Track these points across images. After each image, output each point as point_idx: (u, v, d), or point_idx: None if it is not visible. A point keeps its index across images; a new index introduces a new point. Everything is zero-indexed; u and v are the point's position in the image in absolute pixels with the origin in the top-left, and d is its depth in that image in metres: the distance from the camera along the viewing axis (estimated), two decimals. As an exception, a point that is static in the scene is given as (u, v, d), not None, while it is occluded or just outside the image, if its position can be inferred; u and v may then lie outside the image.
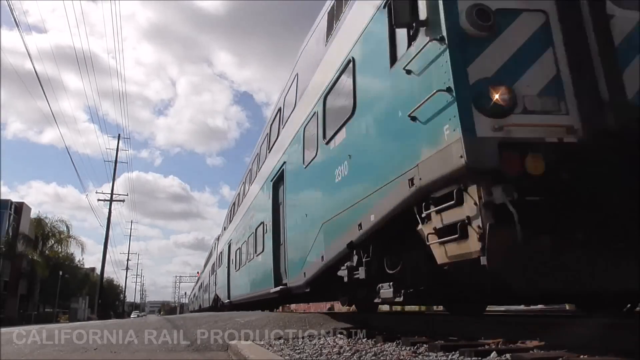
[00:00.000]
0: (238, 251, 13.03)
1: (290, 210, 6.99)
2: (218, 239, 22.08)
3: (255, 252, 9.78)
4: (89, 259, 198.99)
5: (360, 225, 4.16)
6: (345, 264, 4.75)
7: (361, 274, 4.40)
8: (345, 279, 4.74)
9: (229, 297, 15.57)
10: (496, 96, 2.66)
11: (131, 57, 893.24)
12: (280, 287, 7.31)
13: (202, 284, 36.18)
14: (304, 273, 5.98)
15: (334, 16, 5.49)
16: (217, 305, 21.68)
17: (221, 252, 18.79)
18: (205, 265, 33.06)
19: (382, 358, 3.08)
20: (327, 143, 5.24)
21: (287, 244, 7.05)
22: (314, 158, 5.76)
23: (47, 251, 33.76)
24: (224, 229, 18.66)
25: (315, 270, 5.60)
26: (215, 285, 22.08)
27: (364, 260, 4.36)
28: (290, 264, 6.83)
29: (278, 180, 7.93)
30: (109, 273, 77.65)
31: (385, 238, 4.10)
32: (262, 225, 9.03)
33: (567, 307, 13.34)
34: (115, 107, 60.97)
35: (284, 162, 7.43)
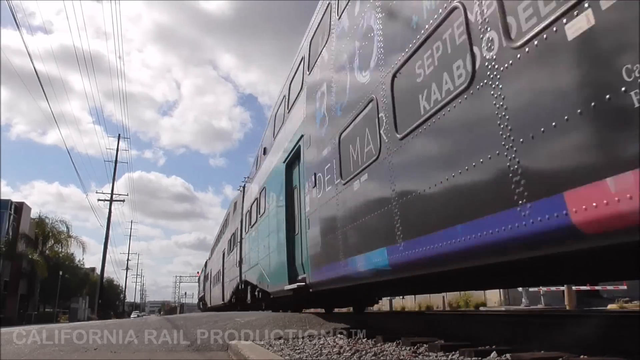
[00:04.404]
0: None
1: None
2: (243, 191, 14.01)
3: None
4: (91, 259, 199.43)
5: None
6: None
7: None
8: None
9: (289, 278, 6.67)
10: None
11: (137, 59, 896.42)
12: None
13: (208, 274, 28.67)
14: None
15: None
16: (245, 299, 11.90)
17: (254, 201, 10.62)
18: (212, 252, 27.36)
19: (382, 358, 3.08)
20: None
21: None
22: None
23: (47, 251, 33.75)
24: (250, 181, 12.22)
25: None
26: (240, 265, 12.63)
27: None
28: None
29: None
30: (109, 273, 77.89)
31: None
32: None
33: (567, 307, 13.36)
34: (117, 107, 60.86)
35: None
